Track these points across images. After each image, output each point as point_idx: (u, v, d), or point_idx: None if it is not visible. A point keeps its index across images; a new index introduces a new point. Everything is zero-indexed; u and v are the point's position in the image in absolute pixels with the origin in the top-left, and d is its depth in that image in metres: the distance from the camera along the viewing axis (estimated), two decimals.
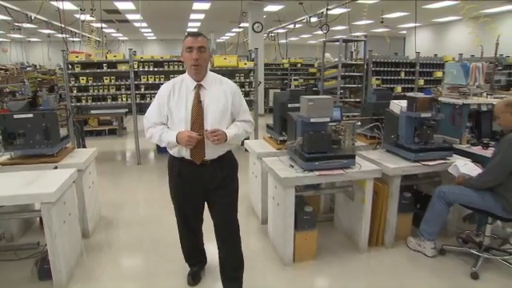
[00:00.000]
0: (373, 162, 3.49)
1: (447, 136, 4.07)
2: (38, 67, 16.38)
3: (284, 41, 16.38)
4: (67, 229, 3.07)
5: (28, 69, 14.95)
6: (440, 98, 4.22)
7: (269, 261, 3.39)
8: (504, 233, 3.59)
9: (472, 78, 4.06)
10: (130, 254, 3.58)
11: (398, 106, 3.67)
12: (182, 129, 2.44)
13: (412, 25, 17.53)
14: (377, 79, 7.41)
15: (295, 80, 11.92)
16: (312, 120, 3.04)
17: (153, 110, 2.58)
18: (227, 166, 2.64)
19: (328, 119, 3.09)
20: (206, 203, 2.75)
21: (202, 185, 2.58)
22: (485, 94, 4.11)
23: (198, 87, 2.49)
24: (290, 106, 3.71)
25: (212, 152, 2.50)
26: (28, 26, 11.15)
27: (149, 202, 4.98)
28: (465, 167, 3.30)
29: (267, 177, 3.66)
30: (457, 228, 3.79)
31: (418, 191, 4.12)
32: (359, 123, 4.12)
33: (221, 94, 2.53)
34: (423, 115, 3.42)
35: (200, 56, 2.42)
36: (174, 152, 2.58)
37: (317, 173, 3.08)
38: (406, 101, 3.61)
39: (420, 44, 18.21)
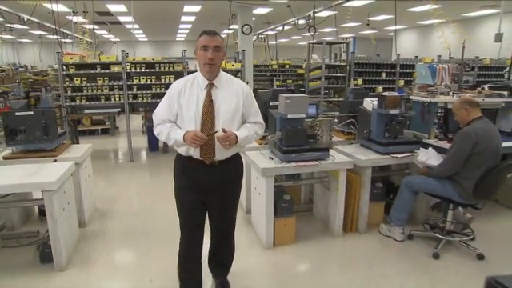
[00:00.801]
0: (346, 155, 3.83)
1: (417, 131, 4.43)
2: (29, 68, 16.52)
3: (274, 42, 16.71)
4: (66, 216, 3.36)
5: (20, 69, 15.11)
6: (411, 97, 4.60)
7: (251, 245, 3.70)
8: (464, 218, 3.94)
9: (439, 78, 4.42)
10: (123, 242, 3.86)
11: (370, 103, 4.02)
12: (191, 127, 2.40)
13: (398, 27, 17.98)
14: (354, 79, 7.74)
15: (277, 80, 12.25)
16: (289, 116, 3.37)
17: (162, 106, 2.54)
18: (234, 167, 2.63)
19: (304, 115, 3.41)
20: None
21: (208, 185, 2.53)
22: (451, 93, 4.46)
23: (210, 86, 2.44)
24: (271, 104, 4.02)
25: (222, 153, 2.46)
26: (19, 27, 11.32)
27: (141, 195, 5.27)
28: (428, 159, 3.65)
29: (251, 169, 3.97)
30: (425, 216, 4.14)
31: (391, 183, 4.48)
32: (336, 120, 4.45)
33: (233, 94, 2.49)
34: (392, 112, 3.77)
35: (215, 55, 2.37)
36: (181, 151, 2.52)
37: (294, 164, 3.40)
38: (377, 99, 3.96)
39: (407, 46, 18.74)
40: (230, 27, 12.56)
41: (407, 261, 3.45)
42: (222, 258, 2.92)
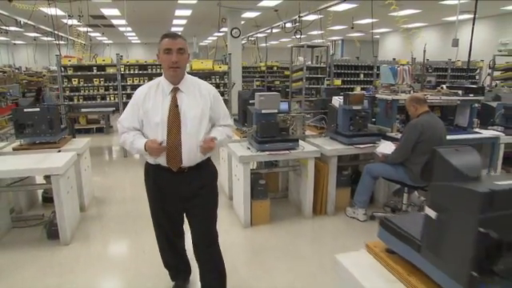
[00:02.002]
0: (315, 146, 4.37)
1: (382, 126, 4.99)
2: (24, 69, 16.88)
3: (264, 44, 17.25)
4: (70, 199, 3.87)
5: (15, 71, 15.48)
6: (377, 95, 5.15)
7: (232, 225, 4.23)
8: (419, 201, 4.50)
9: (400, 78, 4.98)
10: (118, 223, 4.36)
11: (337, 100, 4.56)
12: (158, 134, 2.33)
13: (382, 30, 18.61)
14: (327, 79, 8.30)
15: (262, 81, 12.82)
16: (263, 111, 3.91)
17: (127, 113, 2.46)
18: (206, 174, 2.53)
19: (276, 111, 3.96)
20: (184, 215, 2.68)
21: (179, 194, 2.46)
22: (412, 92, 5.01)
23: (175, 91, 2.37)
24: (250, 101, 4.55)
25: (189, 159, 2.38)
26: (15, 29, 11.72)
27: (134, 185, 5.77)
28: (386, 148, 4.20)
29: (232, 159, 4.50)
30: (385, 199, 4.69)
31: (359, 171, 5.03)
32: (308, 115, 5.00)
33: (199, 98, 2.42)
34: (354, 108, 4.32)
35: (179, 58, 2.30)
36: (149, 159, 2.46)
37: (267, 153, 3.94)
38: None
39: (391, 48, 19.36)
40: (221, 30, 13.11)
41: (368, 235, 3.96)
42: (210, 282, 2.69)
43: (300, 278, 3.22)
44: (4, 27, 11.53)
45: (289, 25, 12.80)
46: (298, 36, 12.28)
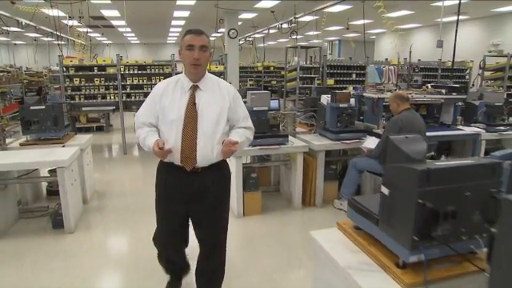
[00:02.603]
0: (305, 142, 4.64)
1: (369, 123, 5.26)
2: (25, 69, 17.13)
3: (262, 45, 17.52)
4: (74, 190, 4.13)
5: (18, 71, 15.73)
6: (364, 94, 5.42)
7: None
8: None
9: (386, 78, 5.25)
10: (118, 214, 4.63)
11: (325, 99, 4.83)
12: (172, 130, 2.29)
13: (378, 30, 18.88)
14: (318, 79, 8.58)
15: (250, 80, 13.09)
16: (254, 108, 4.18)
17: (144, 108, 2.43)
18: (219, 175, 2.45)
19: (266, 108, 4.23)
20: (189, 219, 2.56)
21: (190, 194, 2.38)
22: (397, 90, 5.28)
23: (194, 88, 2.33)
24: (244, 100, 4.81)
25: (203, 159, 2.31)
26: (16, 29, 11.98)
27: (134, 180, 6.05)
28: (371, 143, 4.47)
29: None
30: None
31: (348, 166, 5.30)
32: (299, 113, 5.27)
33: (218, 97, 2.36)
34: (341, 105, 4.60)
35: (201, 55, 2.27)
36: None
37: (258, 147, 4.21)
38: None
39: (387, 48, 19.58)
40: (219, 30, 13.38)
41: None
42: (210, 274, 2.66)
43: (286, 262, 3.49)
44: (5, 28, 11.83)
45: (285, 25, 13.10)
46: (294, 37, 12.55)
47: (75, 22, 12.48)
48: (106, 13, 12.96)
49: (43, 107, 4.47)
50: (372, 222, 1.83)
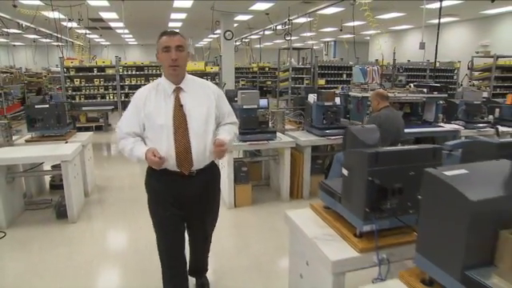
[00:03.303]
0: (292, 138, 4.95)
1: (354, 120, 5.57)
2: (24, 70, 17.39)
3: (258, 46, 17.87)
4: (76, 183, 4.44)
5: (20, 72, 15.99)
6: (350, 93, 5.74)
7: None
8: None
9: (370, 77, 5.57)
10: (118, 206, 4.92)
11: (312, 98, 5.14)
12: (162, 137, 2.23)
13: (372, 32, 19.21)
14: (307, 79, 8.89)
15: (242, 80, 13.42)
16: (244, 107, 4.49)
17: (126, 118, 2.35)
18: (212, 176, 2.50)
19: (255, 106, 4.54)
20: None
21: (185, 198, 2.39)
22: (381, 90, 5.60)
23: (178, 90, 2.29)
24: (235, 99, 5.13)
25: (199, 161, 2.31)
26: (15, 31, 12.25)
27: (132, 176, 6.33)
28: None
29: None
30: None
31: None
32: (287, 111, 5.58)
33: (203, 97, 2.35)
34: (326, 104, 4.91)
35: (179, 56, 2.21)
36: None
37: (248, 143, 4.52)
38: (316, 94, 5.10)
39: (380, 49, 19.93)
40: (215, 32, 13.68)
41: None
42: (200, 264, 2.91)
43: (272, 247, 3.80)
44: (5, 29, 12.10)
45: (280, 27, 13.41)
46: (288, 38, 12.85)
47: (74, 24, 12.79)
48: (104, 15, 13.26)
49: (47, 106, 4.77)
50: (336, 200, 2.15)
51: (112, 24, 15.64)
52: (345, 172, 2.03)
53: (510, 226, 1.32)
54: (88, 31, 15.55)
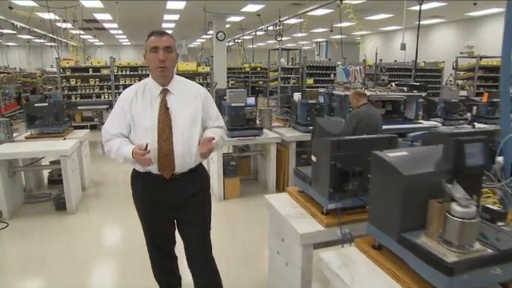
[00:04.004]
0: (278, 134, 5.26)
1: (338, 117, 5.88)
2: (18, 71, 17.52)
3: (251, 46, 18.12)
4: (74, 177, 4.71)
5: (16, 72, 16.13)
6: (334, 92, 6.06)
7: None
8: None
9: (352, 77, 5.89)
10: (113, 199, 5.20)
11: (297, 96, 5.45)
12: (148, 139, 2.16)
13: (362, 32, 19.59)
14: (293, 78, 9.20)
15: (232, 80, 13.70)
16: (233, 104, 4.78)
17: (112, 119, 2.30)
18: (199, 180, 2.40)
19: (243, 104, 4.83)
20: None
21: (172, 203, 2.32)
22: (363, 88, 5.91)
23: (164, 92, 2.24)
24: (224, 97, 5.42)
25: (182, 164, 2.25)
26: (10, 32, 12.42)
27: (126, 172, 6.48)
28: None
29: None
30: None
31: None
32: (274, 109, 5.89)
33: (190, 99, 2.30)
34: (310, 102, 5.22)
35: (167, 57, 2.17)
36: (138, 167, 2.32)
37: (236, 138, 4.82)
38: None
39: (371, 49, 20.32)
40: (208, 33, 13.96)
41: None
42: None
43: (257, 234, 4.09)
44: (0, 30, 12.28)
45: (271, 28, 13.71)
46: (280, 39, 13.15)
47: (69, 25, 13.00)
48: (98, 16, 13.49)
49: (46, 104, 5.03)
50: (307, 184, 2.45)
51: (106, 25, 15.87)
52: (313, 158, 2.33)
53: (438, 196, 1.62)
54: (82, 32, 15.74)
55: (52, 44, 16.44)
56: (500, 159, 2.28)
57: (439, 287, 1.44)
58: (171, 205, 2.34)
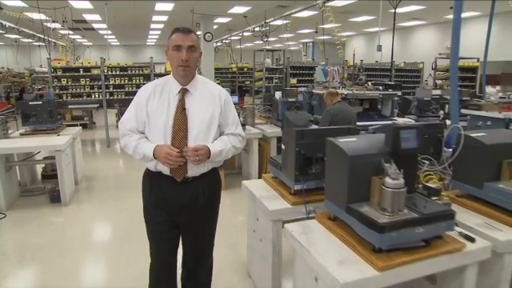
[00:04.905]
0: (260, 130, 5.61)
1: (317, 114, 6.25)
2: (6, 70, 17.57)
3: (239, 46, 18.43)
4: (68, 170, 5.01)
5: (7, 72, 16.23)
6: (313, 90, 6.43)
7: None
8: None
9: (330, 77, 6.27)
10: (105, 192, 5.51)
11: (278, 94, 5.81)
12: (160, 140, 2.12)
13: (347, 33, 20.07)
14: (276, 78, 9.57)
15: (217, 80, 14.01)
16: None
17: (129, 114, 2.24)
18: (211, 185, 2.32)
19: None
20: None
21: (180, 206, 2.24)
22: (340, 87, 6.31)
23: (183, 92, 2.18)
24: None
25: (195, 168, 2.17)
26: None
27: (116, 168, 6.93)
28: None
29: None
30: None
31: None
32: (257, 107, 6.24)
33: (209, 101, 2.21)
34: (289, 100, 5.58)
35: (190, 56, 2.10)
36: (150, 165, 2.22)
37: None
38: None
39: (357, 51, 20.80)
40: (197, 33, 14.21)
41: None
42: (199, 279, 2.54)
43: (240, 222, 4.44)
44: None
45: (258, 29, 14.05)
46: (266, 39, 13.51)
47: (58, 25, 13.16)
48: (87, 17, 13.68)
49: (40, 103, 5.32)
50: (278, 169, 2.81)
51: (95, 25, 16.04)
52: (283, 147, 2.69)
53: (379, 174, 1.98)
54: (71, 32, 15.89)
55: (40, 44, 16.61)
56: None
57: (373, 243, 1.80)
58: (178, 207, 2.24)
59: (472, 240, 2.00)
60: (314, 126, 5.50)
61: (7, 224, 4.38)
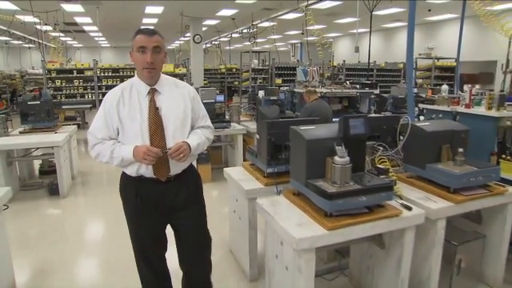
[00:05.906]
0: (244, 126, 6.03)
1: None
2: None
3: (228, 48, 18.84)
4: (66, 165, 5.38)
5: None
6: (295, 89, 6.87)
7: None
8: None
9: (310, 76, 6.71)
10: (100, 186, 5.89)
11: (261, 93, 6.24)
12: (138, 143, 2.10)
13: (334, 34, 20.58)
14: (260, 78, 10.03)
15: (205, 80, 14.39)
16: (204, 101, 5.50)
17: (99, 122, 2.19)
18: (192, 180, 2.39)
19: (212, 100, 5.58)
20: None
21: (166, 206, 2.26)
22: (320, 86, 6.75)
23: (153, 92, 2.17)
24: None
25: (177, 165, 2.20)
26: None
27: (109, 165, 7.25)
28: None
29: None
30: None
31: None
32: (242, 105, 6.67)
33: (179, 98, 2.23)
34: (272, 98, 6.01)
35: (155, 58, 2.09)
36: (130, 171, 2.21)
37: None
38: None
39: (342, 51, 21.34)
40: (185, 35, 14.61)
41: None
42: (199, 280, 2.58)
43: (225, 209, 4.84)
44: None
45: (245, 31, 14.47)
46: (253, 41, 13.94)
47: (49, 28, 13.44)
48: (79, 19, 13.98)
49: (38, 102, 5.67)
50: (254, 156, 3.23)
51: (86, 28, 16.33)
52: (257, 136, 3.11)
53: (332, 155, 2.41)
54: (62, 34, 16.14)
55: (31, 46, 16.82)
56: None
57: (325, 209, 2.23)
58: (166, 208, 2.28)
59: (409, 208, 2.44)
60: None
61: (11, 214, 4.73)
